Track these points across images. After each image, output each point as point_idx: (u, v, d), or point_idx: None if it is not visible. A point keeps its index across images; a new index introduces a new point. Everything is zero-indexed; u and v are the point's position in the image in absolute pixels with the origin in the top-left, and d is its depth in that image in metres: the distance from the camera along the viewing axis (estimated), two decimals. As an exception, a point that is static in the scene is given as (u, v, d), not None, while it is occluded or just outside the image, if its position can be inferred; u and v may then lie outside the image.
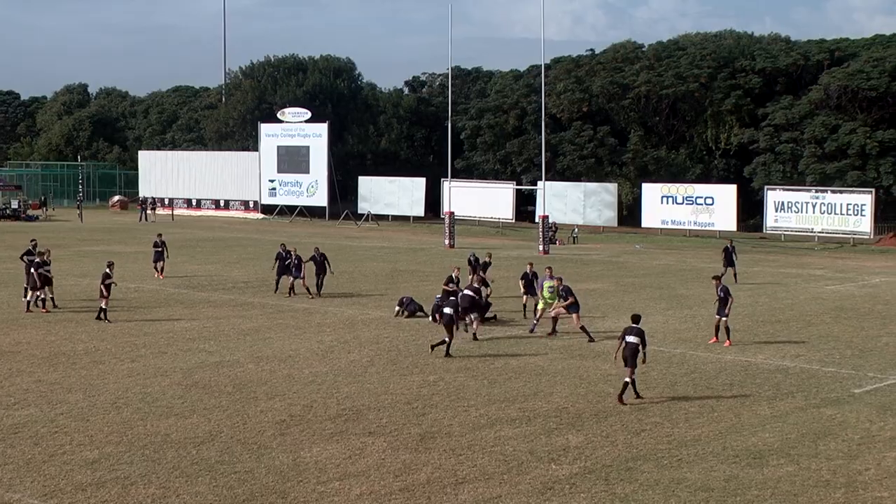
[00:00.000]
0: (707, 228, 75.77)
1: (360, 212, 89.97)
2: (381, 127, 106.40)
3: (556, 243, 66.84)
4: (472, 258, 40.86)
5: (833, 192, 72.87)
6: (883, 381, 25.84)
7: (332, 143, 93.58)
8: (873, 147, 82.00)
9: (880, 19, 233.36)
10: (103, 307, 33.95)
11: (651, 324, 34.11)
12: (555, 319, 32.06)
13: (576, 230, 73.86)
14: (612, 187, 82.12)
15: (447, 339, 28.19)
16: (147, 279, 44.41)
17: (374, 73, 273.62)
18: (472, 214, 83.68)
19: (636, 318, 24.20)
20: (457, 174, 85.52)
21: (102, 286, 34.07)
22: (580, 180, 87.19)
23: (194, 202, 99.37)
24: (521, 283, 35.70)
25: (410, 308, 35.53)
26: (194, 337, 31.27)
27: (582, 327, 31.42)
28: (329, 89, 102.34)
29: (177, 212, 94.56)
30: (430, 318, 33.69)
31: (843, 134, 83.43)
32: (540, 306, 32.72)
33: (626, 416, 22.10)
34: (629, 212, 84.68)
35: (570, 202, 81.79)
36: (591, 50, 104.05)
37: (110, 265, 35.16)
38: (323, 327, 33.29)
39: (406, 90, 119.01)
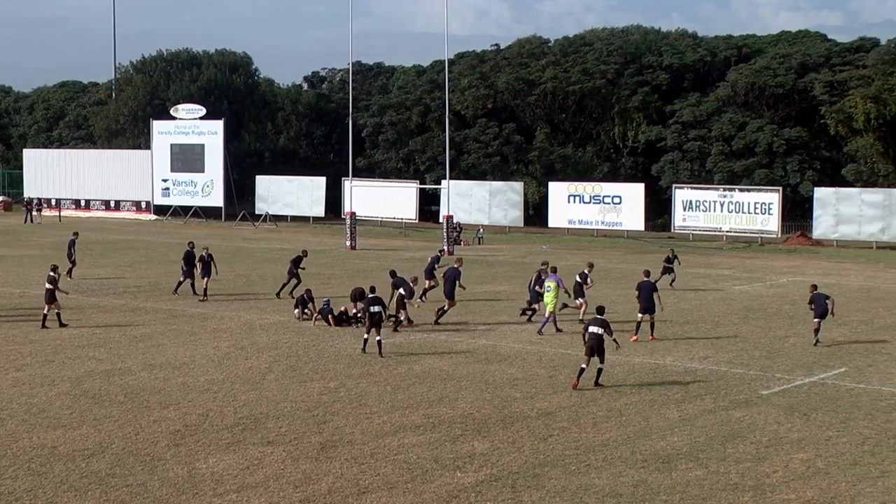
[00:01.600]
0: (615, 228, 76.55)
1: (257, 212, 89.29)
2: (279, 124, 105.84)
3: (460, 244, 67.05)
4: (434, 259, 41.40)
5: (741, 190, 74.10)
6: (790, 382, 26.36)
7: (229, 141, 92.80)
8: (780, 145, 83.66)
9: (785, 15, 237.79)
10: (45, 313, 33.80)
11: (558, 326, 34.41)
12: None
13: (481, 230, 74.15)
14: (518, 186, 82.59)
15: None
16: (33, 284, 43.62)
17: (272, 68, 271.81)
18: (374, 215, 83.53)
19: (600, 310, 25.98)
20: (358, 173, 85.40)
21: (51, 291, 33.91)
22: (485, 179, 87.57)
23: (83, 203, 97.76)
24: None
25: (324, 311, 34.93)
26: (83, 344, 30.81)
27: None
28: (225, 85, 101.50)
29: (64, 213, 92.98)
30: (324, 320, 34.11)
31: (750, 132, 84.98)
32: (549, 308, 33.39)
33: (533, 421, 22.26)
34: (536, 211, 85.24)
35: (476, 201, 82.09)
36: (496, 45, 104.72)
37: (54, 269, 34.91)
38: (219, 333, 33.01)
39: (305, 86, 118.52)
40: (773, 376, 27.03)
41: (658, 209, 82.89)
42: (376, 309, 29.95)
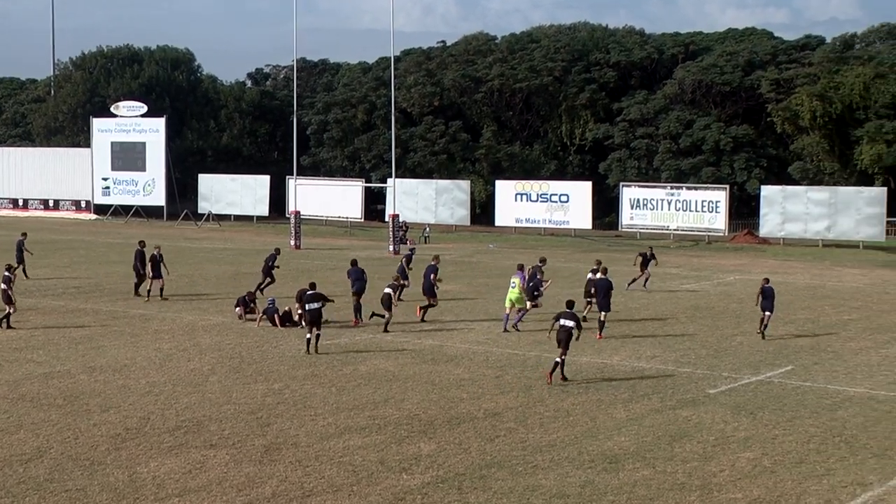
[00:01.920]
0: (562, 227, 76.81)
1: (200, 211, 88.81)
2: (222, 122, 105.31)
3: (406, 243, 66.97)
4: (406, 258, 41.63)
5: (688, 188, 74.65)
6: (737, 380, 26.58)
7: (171, 139, 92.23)
8: (727, 143, 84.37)
9: (732, 13, 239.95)
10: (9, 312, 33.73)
11: (489, 326, 34.50)
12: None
13: (427, 229, 74.17)
14: (465, 184, 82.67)
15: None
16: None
17: (215, 65, 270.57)
18: (319, 214, 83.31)
19: (570, 304, 27.02)
20: (303, 171, 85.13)
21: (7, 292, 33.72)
22: (432, 177, 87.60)
23: (21, 202, 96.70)
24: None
25: (270, 311, 34.75)
26: (21, 346, 30.48)
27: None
28: (166, 82, 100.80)
29: (1, 213, 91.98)
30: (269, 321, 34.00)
31: (697, 129, 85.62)
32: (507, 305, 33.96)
33: (480, 422, 22.29)
34: (482, 210, 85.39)
35: (422, 200, 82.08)
36: (443, 42, 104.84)
37: (9, 268, 34.55)
38: (160, 334, 32.78)
39: (249, 83, 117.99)
40: (720, 375, 27.25)
41: (605, 207, 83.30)
42: (315, 306, 30.06)
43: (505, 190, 80.00)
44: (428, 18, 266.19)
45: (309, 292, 30.74)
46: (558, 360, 26.15)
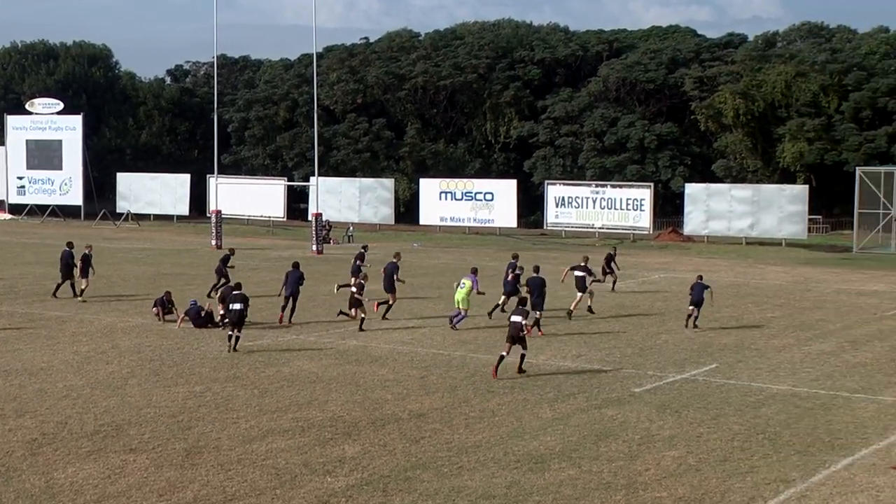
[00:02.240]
0: (487, 225, 77.06)
1: (118, 211, 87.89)
2: (141, 119, 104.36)
3: (330, 242, 66.82)
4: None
5: (613, 186, 75.22)
6: (662, 379, 26.83)
7: (88, 137, 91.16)
8: (651, 141, 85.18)
9: (656, 10, 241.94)
10: None
11: (429, 326, 34.56)
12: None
13: (351, 228, 74.05)
14: (389, 183, 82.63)
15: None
16: None
17: (133, 61, 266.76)
18: (240, 213, 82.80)
19: (523, 301, 27.82)
20: (224, 170, 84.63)
21: None
22: (355, 176, 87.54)
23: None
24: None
25: (191, 312, 34.49)
26: (-67, 350, 29.97)
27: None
28: (83, 78, 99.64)
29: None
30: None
31: (622, 127, 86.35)
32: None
33: (405, 423, 22.30)
34: (407, 209, 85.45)
35: (345, 199, 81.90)
36: (366, 38, 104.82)
37: None
38: (78, 336, 32.40)
39: (168, 80, 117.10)
40: (646, 374, 27.49)
41: (531, 206, 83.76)
42: (238, 306, 30.09)
43: (429, 188, 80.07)
44: (351, 14, 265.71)
45: (234, 292, 30.76)
46: (503, 353, 26.76)
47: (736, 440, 21.17)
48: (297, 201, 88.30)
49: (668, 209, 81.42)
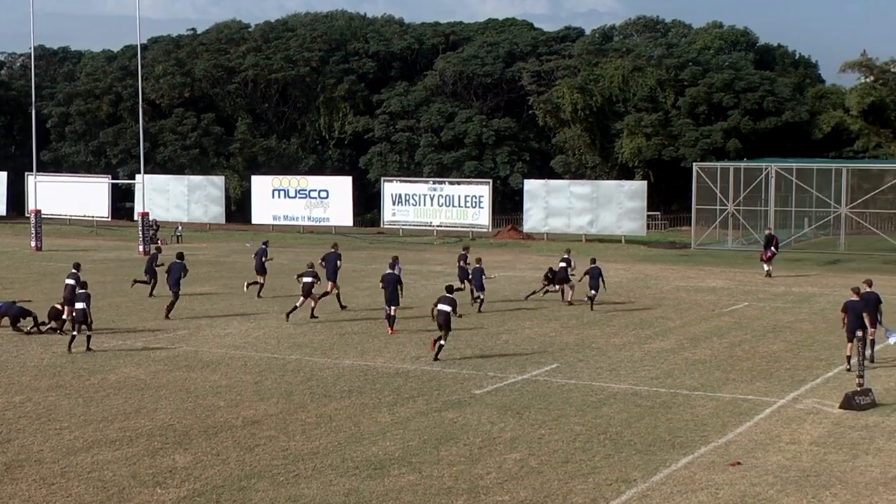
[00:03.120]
0: (322, 224, 76.82)
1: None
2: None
3: (157, 243, 65.81)
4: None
5: (451, 183, 75.69)
6: (503, 380, 27.12)
7: None
8: (490, 136, 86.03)
9: (492, 3, 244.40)
10: None
11: (263, 329, 34.35)
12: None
13: (180, 228, 73.05)
14: (219, 180, 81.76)
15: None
16: None
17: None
18: (62, 213, 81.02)
19: (449, 289, 29.96)
20: (43, 167, 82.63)
21: None
22: (184, 173, 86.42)
23: None
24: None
25: (13, 312, 33.77)
26: None
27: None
28: None
29: None
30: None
31: (459, 122, 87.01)
32: None
33: (238, 431, 22.11)
34: (238, 207, 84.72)
35: (173, 197, 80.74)
36: (193, 30, 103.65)
37: None
38: None
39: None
40: (486, 375, 27.74)
41: (367, 203, 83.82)
42: (81, 305, 30.24)
43: (261, 186, 79.47)
44: (176, 4, 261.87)
45: (79, 291, 30.92)
46: (442, 342, 29.32)
47: (578, 441, 21.52)
48: (122, 200, 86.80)
49: (508, 206, 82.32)
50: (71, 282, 33.43)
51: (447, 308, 29.13)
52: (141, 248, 60.44)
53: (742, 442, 21.51)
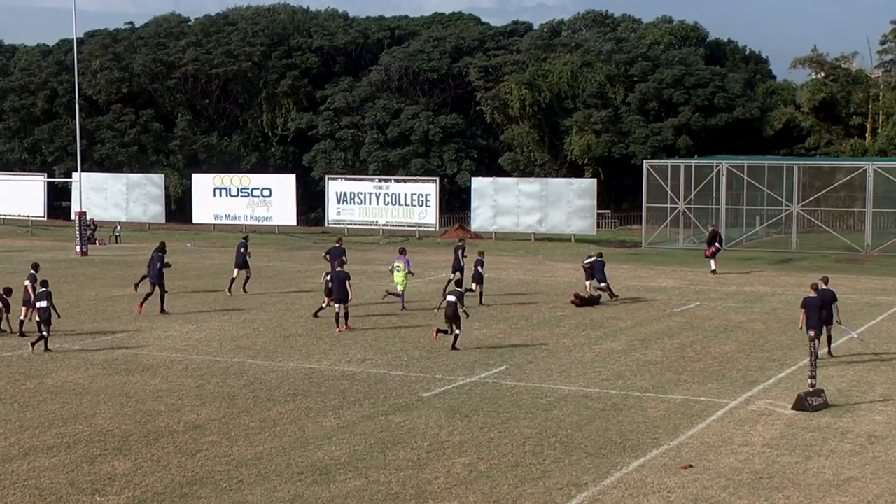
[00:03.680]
0: (265, 223, 76.53)
1: None
2: None
3: (95, 243, 65.38)
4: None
5: (397, 181, 75.58)
6: (451, 382, 27.14)
7: None
8: (436, 133, 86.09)
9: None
10: None
11: (205, 331, 34.19)
12: None
13: (118, 228, 72.54)
14: (159, 178, 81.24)
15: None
16: None
17: None
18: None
19: (458, 283, 33.34)
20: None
21: None
22: (122, 171, 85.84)
23: None
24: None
25: None
26: None
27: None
28: None
29: None
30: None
31: (405, 119, 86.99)
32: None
33: (180, 436, 22.00)
34: (179, 206, 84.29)
35: (111, 196, 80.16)
36: (131, 23, 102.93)
37: None
38: None
39: None
40: (434, 377, 27.75)
41: (311, 202, 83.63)
42: (44, 304, 30.60)
43: (202, 184, 79.02)
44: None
45: (40, 290, 31.15)
46: (458, 331, 31.17)
47: (527, 444, 21.58)
48: (58, 199, 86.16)
49: (455, 204, 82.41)
50: (28, 283, 33.16)
51: (453, 299, 31.23)
52: (78, 248, 59.96)
53: (694, 444, 21.66)
